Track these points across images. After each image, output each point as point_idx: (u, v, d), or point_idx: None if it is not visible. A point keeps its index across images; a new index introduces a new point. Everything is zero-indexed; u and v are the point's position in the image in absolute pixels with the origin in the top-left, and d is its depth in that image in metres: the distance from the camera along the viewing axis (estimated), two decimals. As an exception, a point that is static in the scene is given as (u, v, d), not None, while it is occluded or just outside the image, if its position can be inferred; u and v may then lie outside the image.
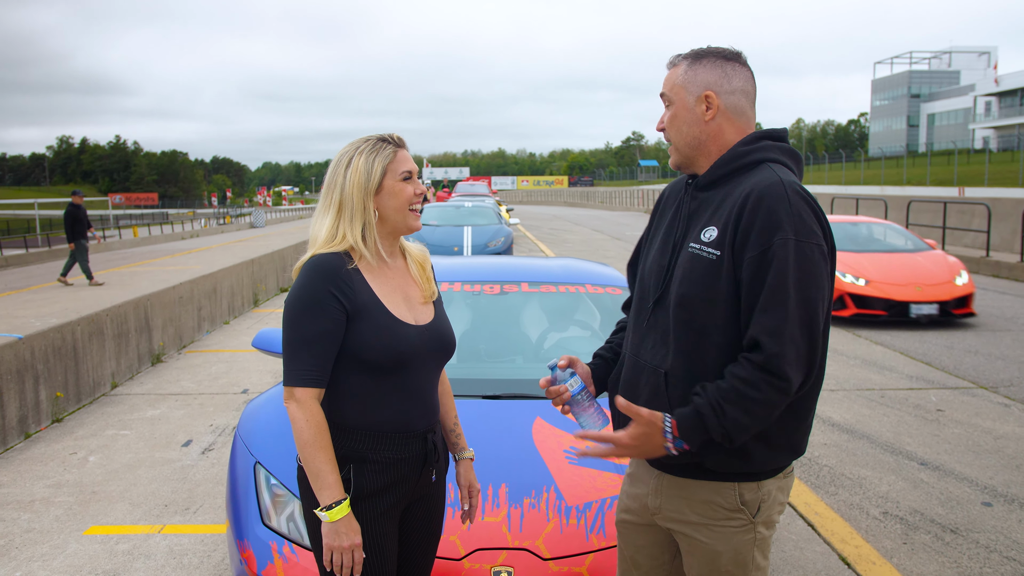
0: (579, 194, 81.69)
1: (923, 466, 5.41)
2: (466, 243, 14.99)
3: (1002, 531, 4.42)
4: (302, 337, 2.12)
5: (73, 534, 4.48)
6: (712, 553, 2.07)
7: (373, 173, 2.19)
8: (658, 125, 2.16)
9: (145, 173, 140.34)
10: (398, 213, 2.24)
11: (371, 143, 2.23)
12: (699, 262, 1.99)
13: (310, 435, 2.10)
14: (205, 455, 5.73)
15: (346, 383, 2.19)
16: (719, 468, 2.01)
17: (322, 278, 2.13)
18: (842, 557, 4.13)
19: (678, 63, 2.12)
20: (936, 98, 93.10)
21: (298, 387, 2.12)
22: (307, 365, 2.12)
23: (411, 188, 2.24)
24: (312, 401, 2.12)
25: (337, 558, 2.12)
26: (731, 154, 2.06)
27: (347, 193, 2.19)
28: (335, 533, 2.12)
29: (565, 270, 4.65)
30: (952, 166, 56.22)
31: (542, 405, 3.49)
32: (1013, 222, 17.01)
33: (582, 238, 27.50)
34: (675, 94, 2.09)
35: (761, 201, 1.91)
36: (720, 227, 1.98)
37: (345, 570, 2.13)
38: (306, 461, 2.12)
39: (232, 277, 12.17)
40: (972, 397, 7.12)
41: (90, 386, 7.34)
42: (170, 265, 14.58)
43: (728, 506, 2.04)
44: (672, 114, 2.11)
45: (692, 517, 2.08)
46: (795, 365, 1.86)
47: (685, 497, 2.08)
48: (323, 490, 2.11)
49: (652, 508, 2.16)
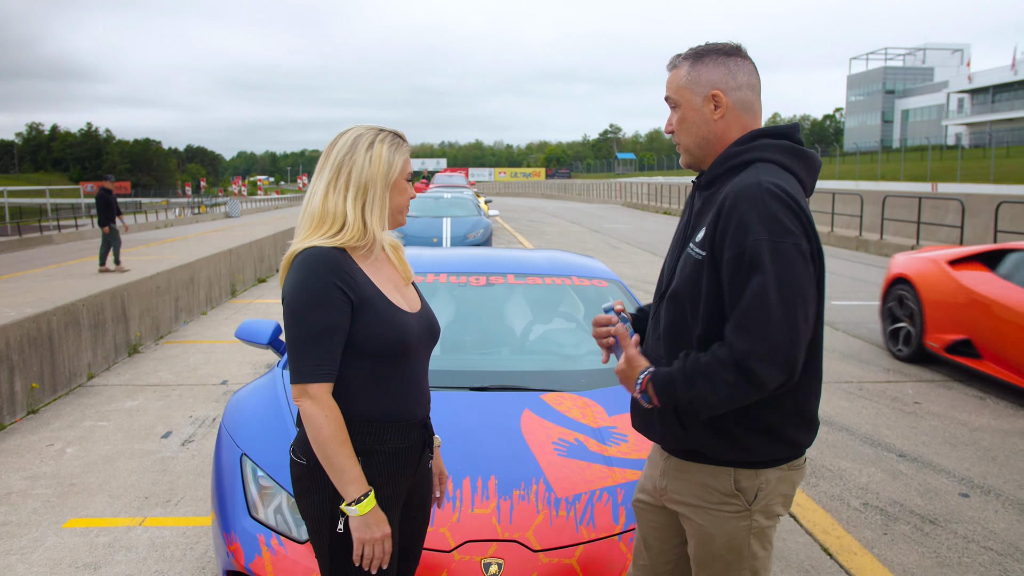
0: (556, 186, 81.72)
1: (902, 458, 5.47)
2: (445, 234, 14.93)
3: (979, 521, 4.48)
4: (310, 332, 2.06)
5: (52, 527, 4.42)
6: (706, 536, 2.11)
7: (394, 165, 2.17)
8: (666, 128, 2.16)
9: (117, 161, 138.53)
10: (398, 210, 2.24)
11: (389, 135, 2.19)
12: (689, 261, 2.05)
13: (331, 431, 2.06)
14: (185, 447, 5.68)
15: (350, 376, 2.16)
16: (708, 453, 2.07)
17: (325, 270, 2.08)
18: (824, 548, 4.17)
19: (679, 64, 2.11)
20: (910, 94, 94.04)
21: (312, 383, 2.06)
22: (317, 360, 2.06)
23: (411, 189, 2.26)
24: (327, 396, 2.08)
25: (369, 551, 2.10)
26: (724, 154, 2.08)
27: (369, 178, 2.14)
28: (365, 526, 2.08)
29: (551, 262, 4.65)
30: (925, 162, 56.83)
31: (530, 397, 3.49)
32: (986, 217, 17.20)
33: (560, 230, 27.52)
34: (681, 96, 2.10)
35: (736, 203, 1.92)
36: (707, 228, 2.01)
37: (376, 562, 2.11)
38: (328, 458, 2.07)
39: (210, 267, 12.06)
40: (948, 390, 7.21)
41: (66, 377, 7.25)
42: (145, 255, 14.45)
43: (723, 490, 2.09)
44: (680, 116, 2.11)
45: (691, 499, 2.13)
46: (769, 363, 1.86)
47: (686, 479, 2.15)
48: (348, 485, 2.07)
49: (660, 489, 2.23)
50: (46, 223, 32.42)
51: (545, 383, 3.65)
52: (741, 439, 2.04)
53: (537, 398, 3.49)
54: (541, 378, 3.71)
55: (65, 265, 16.94)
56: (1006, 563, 4.02)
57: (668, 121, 2.15)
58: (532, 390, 3.57)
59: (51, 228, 30.40)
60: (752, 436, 2.04)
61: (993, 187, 38.05)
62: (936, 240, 18.64)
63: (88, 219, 36.34)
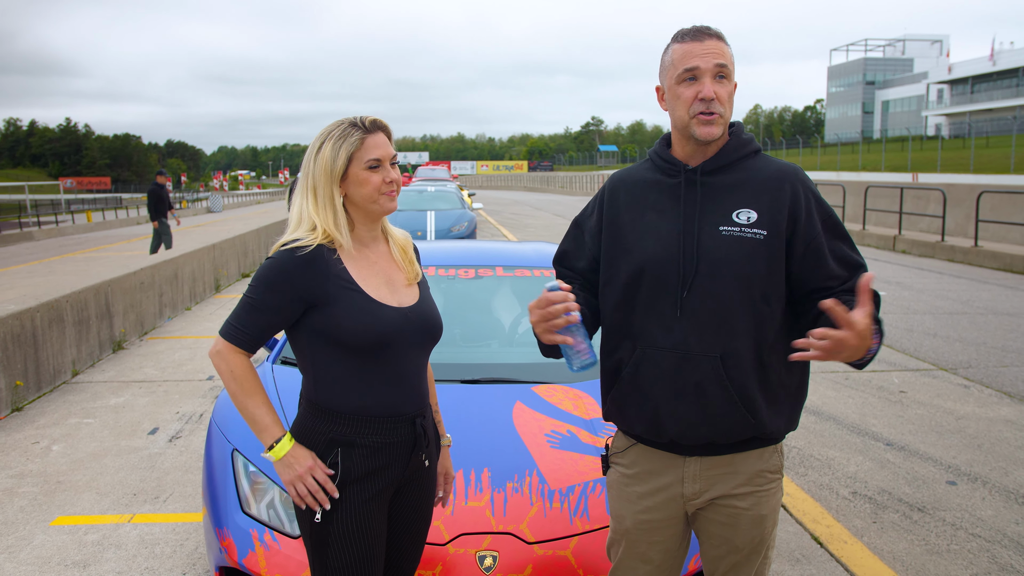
0: (539, 179, 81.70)
1: (889, 447, 5.51)
2: (429, 228, 14.88)
3: (967, 509, 4.52)
4: (251, 301, 2.16)
5: (39, 525, 4.39)
6: (757, 518, 2.17)
7: (338, 160, 2.15)
8: (708, 94, 2.06)
9: (97, 157, 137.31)
10: (367, 201, 2.20)
11: (341, 128, 2.18)
12: (743, 243, 2.06)
13: (236, 385, 2.17)
14: (172, 443, 5.65)
15: (331, 367, 2.18)
16: (772, 433, 2.13)
17: (289, 267, 2.13)
18: (814, 536, 4.19)
19: (723, 37, 2.12)
20: (890, 85, 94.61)
21: (225, 339, 2.17)
22: (242, 325, 2.16)
23: (378, 177, 2.18)
24: (232, 354, 2.18)
25: (301, 487, 2.13)
26: (739, 141, 2.16)
27: (316, 179, 2.17)
28: (285, 467, 2.15)
29: (539, 254, 4.64)
30: (906, 152, 57.20)
31: (522, 389, 3.49)
32: (967, 208, 17.33)
33: (544, 223, 27.52)
34: (731, 70, 2.10)
35: (806, 185, 2.12)
36: (761, 210, 2.07)
37: (318, 495, 2.13)
38: (241, 410, 2.18)
39: (193, 262, 11.98)
40: (933, 379, 7.26)
41: (50, 374, 7.19)
42: (127, 250, 14.33)
43: (772, 469, 2.18)
44: (731, 90, 2.11)
45: (741, 490, 2.16)
46: None
47: (732, 471, 2.16)
48: (263, 432, 2.16)
49: (689, 494, 2.18)
50: (26, 219, 32.11)
51: (536, 375, 3.65)
52: (788, 410, 2.15)
53: (529, 390, 3.48)
54: (532, 370, 3.71)
55: (47, 261, 16.76)
56: (994, 549, 4.05)
57: (712, 88, 2.06)
58: (523, 382, 3.57)
59: (31, 225, 30.13)
60: (793, 404, 2.17)
61: (973, 177, 38.37)
62: (918, 230, 18.77)
63: (68, 215, 36.03)
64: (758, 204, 2.08)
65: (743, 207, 2.08)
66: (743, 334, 2.06)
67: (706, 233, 2.08)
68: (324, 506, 2.14)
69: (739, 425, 2.08)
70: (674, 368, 2.09)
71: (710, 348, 2.06)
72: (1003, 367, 7.62)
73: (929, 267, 14.87)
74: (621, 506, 2.29)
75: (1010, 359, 7.92)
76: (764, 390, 2.09)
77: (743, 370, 2.06)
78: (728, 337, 2.06)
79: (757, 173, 2.12)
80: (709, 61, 2.05)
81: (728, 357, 2.06)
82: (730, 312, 2.06)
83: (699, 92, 2.05)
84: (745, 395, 2.07)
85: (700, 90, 2.05)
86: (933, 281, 12.97)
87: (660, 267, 2.12)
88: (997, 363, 7.77)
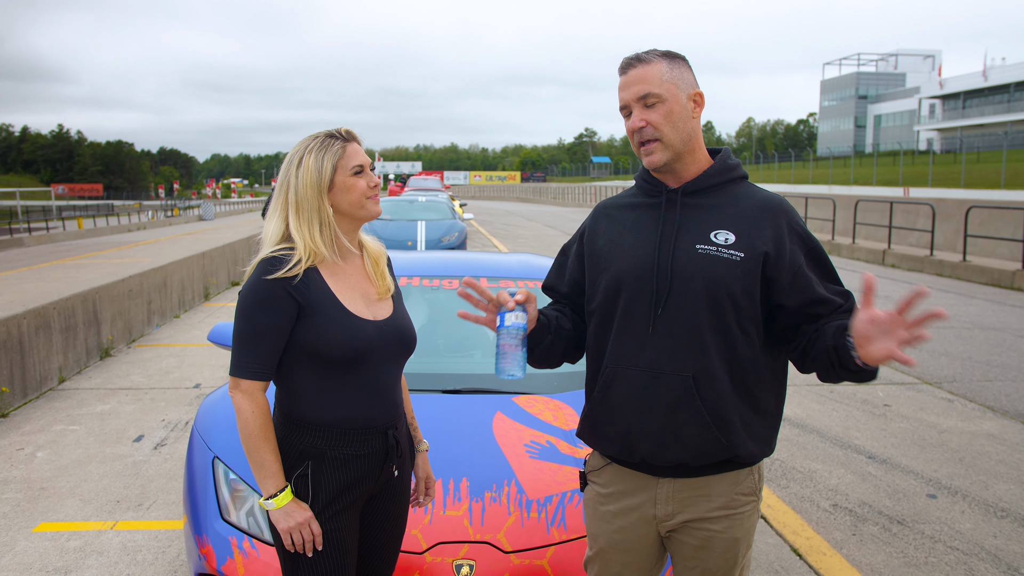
0: (532, 190, 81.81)
1: (871, 459, 5.54)
2: (419, 238, 14.89)
3: (946, 522, 4.55)
4: (252, 330, 2.13)
5: (22, 531, 4.39)
6: (731, 541, 2.15)
7: (324, 171, 2.17)
8: (637, 123, 2.07)
9: (89, 163, 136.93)
10: (355, 206, 2.23)
11: (319, 140, 2.21)
12: (719, 263, 2.05)
13: (255, 426, 2.13)
14: (157, 450, 5.65)
15: (305, 380, 2.19)
16: (744, 457, 2.10)
17: (279, 272, 2.13)
18: (794, 548, 4.22)
19: (653, 60, 2.08)
20: (882, 100, 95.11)
21: (246, 379, 2.13)
22: (256, 358, 2.13)
23: (363, 182, 2.23)
24: (259, 393, 2.14)
25: (297, 537, 2.15)
26: (723, 167, 2.16)
27: (301, 194, 2.18)
28: (285, 515, 2.15)
29: (523, 265, 4.66)
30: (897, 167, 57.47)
31: (502, 400, 3.51)
32: (956, 222, 17.44)
33: (535, 234, 27.57)
34: (666, 90, 2.05)
35: (788, 214, 2.13)
36: (739, 233, 2.07)
37: (308, 545, 2.16)
38: (251, 451, 2.15)
39: (182, 270, 11.98)
40: (917, 392, 7.31)
41: (37, 380, 7.18)
42: (117, 258, 14.30)
43: (747, 492, 2.16)
44: (667, 110, 2.06)
45: (714, 512, 2.14)
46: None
47: (705, 495, 2.13)
48: (267, 479, 2.15)
49: (661, 516, 2.17)
50: (17, 226, 32.00)
51: (517, 386, 3.67)
52: (764, 434, 2.13)
53: (509, 400, 3.50)
54: (513, 381, 3.73)
55: (36, 268, 16.69)
56: (971, 563, 4.09)
57: (640, 118, 2.07)
58: (504, 393, 3.59)
59: (22, 231, 30.02)
60: (769, 428, 2.15)
61: (964, 192, 38.58)
62: (908, 244, 18.87)
63: (59, 221, 35.92)
64: (737, 228, 2.07)
65: (722, 228, 2.07)
66: (715, 355, 2.04)
67: (682, 250, 2.07)
68: (309, 553, 2.17)
69: (711, 447, 2.05)
70: (646, 387, 2.08)
71: (682, 368, 2.05)
72: (987, 381, 7.67)
73: (918, 281, 14.93)
74: (596, 524, 2.28)
75: (994, 373, 7.97)
76: (739, 413, 2.07)
77: (717, 391, 2.04)
78: (701, 357, 2.04)
79: (741, 200, 2.13)
80: (632, 93, 2.08)
81: (702, 378, 2.04)
82: (702, 331, 2.04)
83: (630, 126, 2.11)
84: (718, 417, 2.04)
85: (631, 124, 2.10)
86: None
87: (636, 282, 2.11)
88: (982, 377, 7.82)
